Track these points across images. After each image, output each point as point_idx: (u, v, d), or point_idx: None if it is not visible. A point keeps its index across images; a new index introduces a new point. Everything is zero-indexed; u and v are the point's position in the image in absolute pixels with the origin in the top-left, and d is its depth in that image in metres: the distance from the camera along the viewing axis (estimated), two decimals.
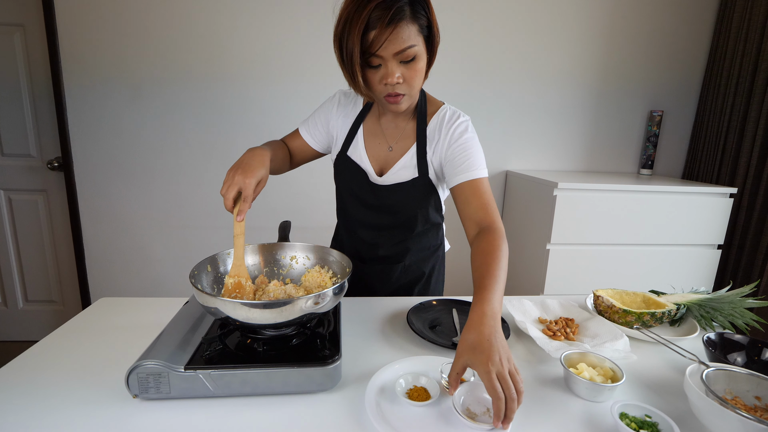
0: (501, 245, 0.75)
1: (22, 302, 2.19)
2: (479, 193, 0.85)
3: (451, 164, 0.89)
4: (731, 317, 0.91)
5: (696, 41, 2.11)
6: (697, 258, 1.86)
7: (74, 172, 1.98)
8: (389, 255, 1.06)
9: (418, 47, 0.77)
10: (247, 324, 0.63)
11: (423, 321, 0.90)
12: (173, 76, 1.92)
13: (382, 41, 0.73)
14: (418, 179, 0.93)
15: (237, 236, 0.73)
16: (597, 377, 0.68)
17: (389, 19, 0.71)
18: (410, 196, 0.96)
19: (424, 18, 0.76)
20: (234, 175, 0.73)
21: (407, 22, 0.74)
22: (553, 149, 2.19)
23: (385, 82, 0.78)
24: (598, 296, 0.97)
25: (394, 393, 0.64)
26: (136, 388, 0.61)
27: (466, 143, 0.89)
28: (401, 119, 0.96)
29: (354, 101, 1.01)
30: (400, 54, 0.75)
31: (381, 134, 0.97)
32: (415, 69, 0.79)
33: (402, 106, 0.84)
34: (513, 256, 2.10)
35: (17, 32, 1.91)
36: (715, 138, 2.05)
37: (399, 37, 0.73)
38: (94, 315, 0.92)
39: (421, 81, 0.83)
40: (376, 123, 0.98)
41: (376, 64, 0.77)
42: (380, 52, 0.75)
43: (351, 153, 0.98)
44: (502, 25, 2.00)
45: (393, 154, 0.96)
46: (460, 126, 0.91)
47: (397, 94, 0.81)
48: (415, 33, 0.75)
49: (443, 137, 0.91)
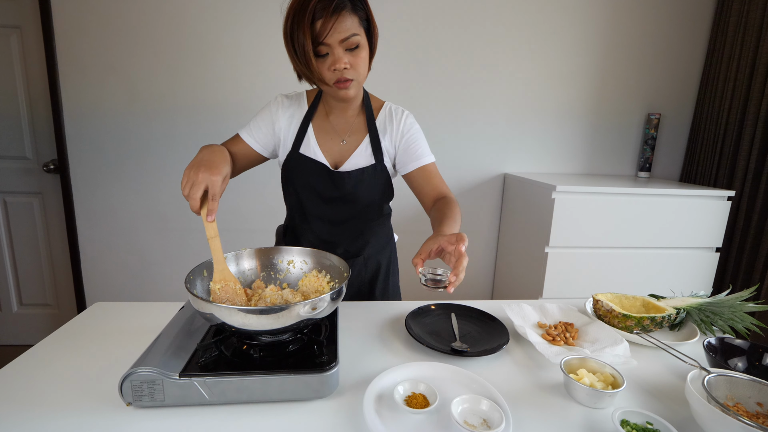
0: (456, 205, 0.92)
1: (17, 306, 2.17)
2: (433, 175, 1.00)
3: (406, 153, 1.01)
4: (731, 321, 0.91)
5: (693, 44, 2.12)
6: (695, 261, 1.86)
7: (70, 175, 1.97)
8: (349, 250, 1.08)
9: (361, 37, 0.85)
10: (243, 330, 0.62)
11: (421, 326, 0.89)
12: (170, 78, 1.91)
13: (328, 29, 0.80)
14: (376, 165, 1.00)
15: (212, 239, 0.71)
16: (597, 383, 0.68)
17: (333, 9, 0.79)
18: (370, 183, 1.00)
19: (362, 11, 0.85)
20: (198, 173, 0.70)
21: (349, 12, 0.82)
22: (550, 152, 2.19)
23: (334, 68, 0.84)
24: (597, 300, 0.96)
25: (393, 400, 0.63)
26: (130, 395, 0.60)
27: (417, 134, 1.02)
28: (350, 114, 1.02)
29: (298, 102, 1.03)
30: (345, 41, 0.82)
31: (332, 130, 1.01)
32: (360, 56, 0.86)
33: (351, 91, 0.90)
34: (511, 258, 2.10)
35: (14, 34, 1.90)
36: (712, 141, 2.06)
37: (343, 25, 0.81)
38: (88, 320, 0.91)
39: (365, 69, 0.90)
40: (325, 120, 1.02)
41: (324, 53, 0.84)
42: (327, 40, 0.81)
43: (304, 150, 1.00)
44: (500, 29, 2.00)
45: (347, 147, 1.01)
46: (408, 118, 1.03)
47: (346, 79, 0.87)
48: (357, 24, 0.84)
49: (395, 128, 1.01)
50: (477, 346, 0.82)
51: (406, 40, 1.97)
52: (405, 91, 2.02)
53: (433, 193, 0.98)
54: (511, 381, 0.73)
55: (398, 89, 2.01)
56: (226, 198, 1.99)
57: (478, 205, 2.21)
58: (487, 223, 2.24)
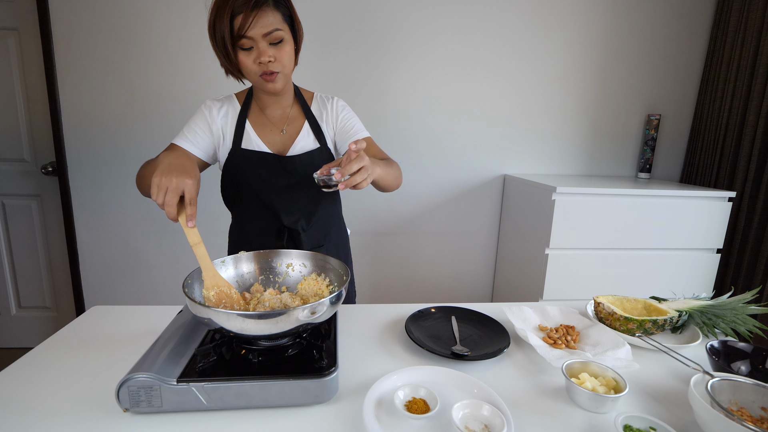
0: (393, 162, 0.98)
1: (15, 308, 2.16)
2: (370, 146, 1.04)
3: (342, 132, 1.05)
4: (734, 324, 0.90)
5: (693, 45, 2.11)
6: (696, 262, 1.85)
7: (69, 177, 1.96)
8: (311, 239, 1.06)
9: (284, 32, 0.88)
10: (241, 335, 0.62)
11: (421, 329, 0.88)
12: (168, 80, 1.91)
13: (249, 23, 0.83)
14: (322, 148, 1.03)
15: (196, 245, 0.70)
16: (600, 387, 0.67)
17: (253, 4, 0.83)
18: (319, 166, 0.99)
19: (285, 8, 0.89)
20: (171, 178, 0.66)
21: (271, 8, 0.85)
22: (550, 153, 2.19)
23: (259, 61, 0.88)
24: (598, 303, 0.96)
25: (393, 405, 0.62)
26: (127, 401, 0.59)
27: (349, 114, 1.08)
28: (285, 106, 1.04)
29: (229, 103, 1.04)
30: (268, 36, 0.86)
31: (269, 123, 1.03)
32: (284, 50, 0.90)
33: (278, 84, 0.93)
34: (511, 260, 2.09)
35: (12, 36, 1.89)
36: (712, 141, 2.05)
37: (265, 20, 0.85)
38: (85, 324, 0.90)
39: (291, 63, 0.94)
40: (261, 115, 1.03)
41: (248, 46, 0.87)
42: (249, 34, 0.84)
43: (246, 145, 1.00)
44: (500, 29, 2.00)
45: (288, 135, 1.03)
46: (339, 101, 1.09)
47: (271, 71, 0.90)
48: (280, 20, 0.87)
49: (330, 112, 1.06)
50: (478, 349, 0.82)
51: (405, 39, 1.97)
52: (405, 92, 2.01)
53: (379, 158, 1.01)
54: (513, 385, 0.72)
55: (398, 90, 2.01)
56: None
57: (478, 207, 2.20)
58: (486, 225, 2.23)
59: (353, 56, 1.96)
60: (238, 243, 1.11)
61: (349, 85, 1.98)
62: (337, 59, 1.95)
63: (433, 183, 2.14)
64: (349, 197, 2.08)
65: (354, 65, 1.97)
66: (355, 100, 1.99)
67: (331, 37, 1.93)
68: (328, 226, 1.11)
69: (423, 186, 2.13)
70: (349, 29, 1.93)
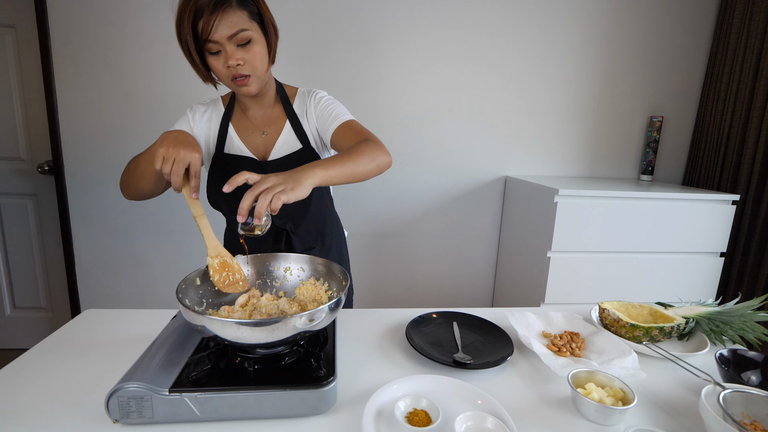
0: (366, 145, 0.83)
1: (10, 309, 2.13)
2: (354, 126, 0.94)
3: (322, 121, 0.97)
4: (742, 331, 0.88)
5: (695, 46, 2.09)
6: (699, 266, 1.83)
7: (65, 176, 1.93)
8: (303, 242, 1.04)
9: (252, 32, 0.83)
10: (236, 343, 0.59)
11: (423, 336, 0.86)
12: (166, 78, 1.88)
13: (211, 26, 0.79)
14: (304, 149, 0.98)
15: (199, 216, 0.72)
16: (607, 398, 0.65)
17: (214, 6, 0.78)
18: None
19: (252, 5, 0.83)
20: (178, 150, 0.68)
21: (234, 8, 0.80)
22: (552, 155, 2.17)
23: (227, 65, 0.83)
24: (603, 309, 0.94)
25: (393, 417, 0.60)
26: (117, 412, 0.57)
27: (329, 102, 0.99)
28: (266, 106, 1.00)
29: (214, 106, 1.02)
30: (234, 37, 0.81)
31: (251, 126, 1.00)
32: (254, 52, 0.84)
33: (251, 87, 0.88)
34: (512, 263, 2.07)
35: (8, 33, 1.87)
36: (715, 144, 2.03)
37: (228, 21, 0.79)
38: (78, 328, 0.88)
39: (264, 63, 0.88)
40: (243, 118, 1.00)
41: (215, 50, 0.83)
42: (213, 38, 0.80)
43: (228, 150, 0.99)
44: (502, 31, 1.98)
45: (269, 138, 0.99)
46: (320, 93, 1.01)
47: (242, 75, 0.85)
48: (246, 18, 0.82)
49: (310, 107, 1.00)
50: (480, 357, 0.79)
51: (406, 39, 1.95)
52: (405, 93, 1.99)
53: (356, 139, 0.91)
54: (516, 395, 0.70)
55: (398, 90, 1.99)
56: None
57: (479, 209, 2.18)
58: (487, 227, 2.21)
59: (353, 57, 1.94)
60: (235, 246, 1.09)
61: (348, 86, 1.96)
62: (336, 59, 1.93)
63: (434, 184, 2.12)
64: (347, 198, 2.05)
65: (354, 66, 1.95)
66: (354, 101, 1.97)
67: (330, 37, 1.90)
68: (320, 228, 1.08)
69: (423, 187, 2.11)
70: (350, 29, 1.91)
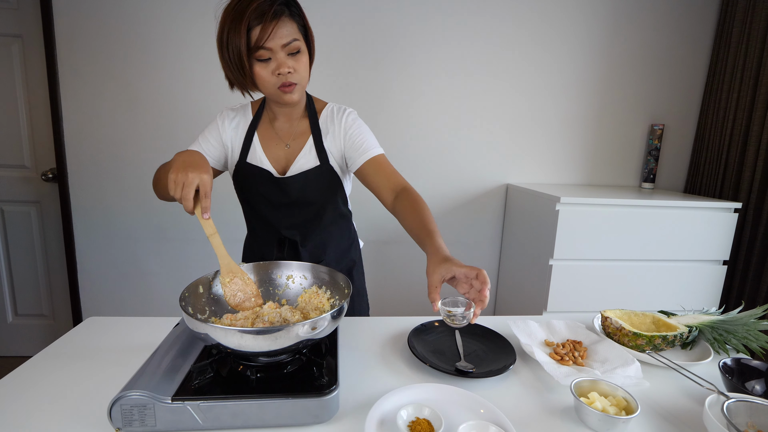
0: (422, 200, 0.89)
1: (12, 316, 2.14)
2: (384, 165, 0.97)
3: (352, 149, 0.98)
4: (745, 340, 0.87)
5: (696, 54, 2.11)
6: (702, 274, 1.82)
7: (69, 184, 1.95)
8: (309, 254, 1.05)
9: (301, 43, 0.87)
10: (239, 352, 0.59)
11: (425, 344, 0.86)
12: (171, 87, 1.90)
13: (268, 34, 0.81)
14: (321, 167, 0.98)
15: (211, 236, 0.75)
16: (610, 408, 0.65)
17: (272, 15, 0.80)
18: (316, 185, 1.00)
19: (299, 18, 0.87)
20: (187, 174, 0.71)
21: (287, 18, 0.83)
22: (554, 163, 2.17)
23: (278, 72, 0.85)
24: (606, 317, 0.93)
25: (396, 426, 0.60)
26: (119, 420, 0.57)
27: (360, 128, 1.00)
28: (294, 118, 1.01)
29: (242, 113, 1.03)
30: (287, 46, 0.84)
31: (276, 137, 1.01)
32: (302, 61, 0.88)
33: (295, 95, 0.90)
34: (514, 271, 2.07)
35: (15, 42, 1.89)
36: (717, 152, 2.04)
37: (283, 30, 0.83)
38: (80, 336, 0.88)
39: (307, 74, 0.91)
40: (269, 128, 1.02)
41: (265, 57, 0.84)
42: (268, 45, 0.82)
43: (251, 159, 1.00)
44: (503, 38, 2.00)
45: (291, 151, 1.00)
46: (350, 115, 1.01)
47: (290, 83, 0.87)
48: (296, 30, 0.86)
49: (337, 127, 0.99)
50: (483, 365, 0.79)
51: (408, 48, 1.96)
52: (407, 101, 2.01)
53: (389, 184, 0.94)
54: (519, 404, 0.70)
55: (400, 99, 2.00)
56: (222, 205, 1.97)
57: (480, 217, 2.18)
58: (489, 235, 2.21)
59: (355, 64, 1.95)
60: (251, 250, 1.13)
61: (351, 96, 1.97)
62: (338, 67, 1.94)
63: (435, 192, 2.12)
64: None
65: (355, 73, 1.96)
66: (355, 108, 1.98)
67: (334, 45, 1.92)
68: (328, 241, 1.08)
69: (424, 195, 2.08)
70: (352, 37, 1.93)
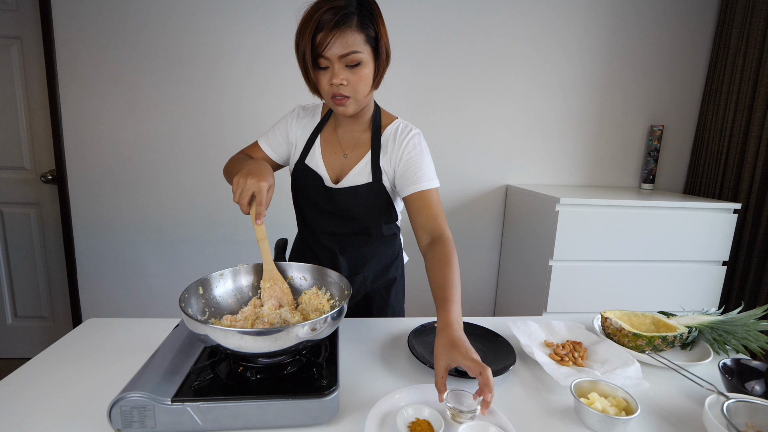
0: (454, 255, 0.84)
1: (11, 318, 2.13)
2: (430, 204, 0.91)
3: (404, 175, 0.93)
4: (745, 341, 0.87)
5: (695, 55, 2.11)
6: (702, 275, 1.83)
7: (68, 186, 1.95)
8: (348, 265, 1.05)
9: (364, 55, 0.82)
10: (239, 353, 0.59)
11: (425, 345, 0.86)
12: (170, 89, 1.90)
13: (327, 42, 0.79)
14: (372, 184, 0.96)
15: (261, 240, 0.77)
16: (610, 408, 0.65)
17: (335, 23, 0.78)
18: (365, 202, 0.97)
19: (371, 29, 0.83)
20: (246, 180, 0.74)
21: (353, 29, 0.80)
22: (553, 163, 2.18)
23: (331, 82, 0.84)
24: (605, 318, 0.93)
25: (396, 427, 0.60)
26: (119, 422, 0.57)
27: (419, 155, 0.94)
28: (357, 129, 0.99)
29: (312, 114, 1.04)
30: (344, 57, 0.81)
31: (337, 143, 1.00)
32: (360, 75, 0.84)
33: (348, 108, 0.88)
34: (514, 272, 2.07)
35: (14, 44, 1.89)
36: (716, 152, 2.04)
37: (344, 41, 0.80)
38: (80, 337, 0.88)
39: (367, 88, 0.87)
40: (332, 133, 1.01)
41: (323, 65, 0.83)
42: (326, 53, 0.80)
43: (308, 161, 1.00)
44: (502, 39, 2.00)
45: (348, 161, 0.98)
46: (414, 138, 0.96)
47: (342, 95, 0.85)
48: (361, 41, 0.82)
49: (397, 147, 0.95)
50: None
51: (409, 50, 1.97)
52: (407, 101, 2.01)
53: (428, 225, 0.89)
54: (519, 405, 0.70)
55: (400, 99, 2.00)
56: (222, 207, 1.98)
57: (480, 218, 2.18)
58: (489, 236, 2.21)
59: None
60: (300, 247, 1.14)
61: None
62: None
63: None
64: None
65: None
66: None
67: None
68: (369, 256, 1.06)
69: None
70: None
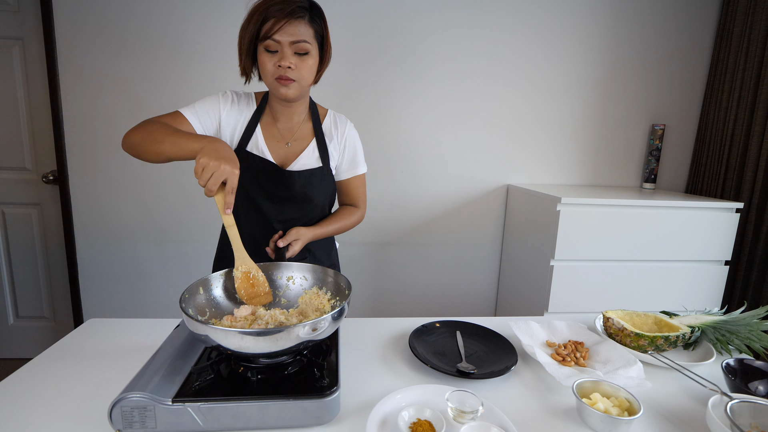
0: (352, 218, 1.10)
1: (13, 318, 2.14)
2: (359, 185, 1.13)
3: (346, 161, 1.08)
4: (748, 341, 0.87)
5: (697, 54, 2.10)
6: (704, 274, 1.82)
7: (69, 186, 1.95)
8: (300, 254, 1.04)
9: (311, 47, 0.90)
10: (239, 353, 0.59)
11: (426, 345, 0.86)
12: (171, 90, 1.90)
13: (279, 26, 0.85)
14: (323, 168, 1.03)
15: (230, 227, 0.75)
16: (612, 409, 0.64)
17: (288, 13, 0.85)
18: (317, 185, 1.03)
19: (319, 27, 0.91)
20: (220, 165, 0.69)
21: (304, 21, 0.88)
22: (554, 163, 2.17)
23: (279, 64, 0.88)
24: (607, 318, 0.93)
25: (397, 427, 0.60)
26: (120, 422, 0.57)
27: (358, 143, 1.10)
28: (296, 121, 1.03)
29: (247, 100, 1.03)
30: (295, 44, 0.88)
31: (278, 134, 1.02)
32: (307, 63, 0.91)
33: (290, 91, 0.92)
34: (515, 272, 2.06)
35: (16, 45, 1.89)
36: (718, 151, 2.03)
37: (296, 30, 0.87)
38: (81, 338, 0.88)
39: (311, 77, 0.94)
40: (272, 124, 1.03)
41: (273, 48, 0.88)
42: (276, 37, 0.86)
43: (251, 148, 0.99)
44: (503, 39, 2.00)
45: (292, 149, 1.02)
46: (352, 127, 1.10)
47: (287, 78, 0.90)
48: (311, 35, 0.89)
49: (340, 134, 1.06)
50: (484, 366, 0.79)
51: (410, 49, 1.96)
52: (407, 102, 2.01)
53: (350, 200, 1.12)
54: (521, 405, 0.70)
55: (400, 99, 2.00)
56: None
57: (481, 218, 2.18)
58: (490, 236, 2.20)
59: (355, 64, 1.95)
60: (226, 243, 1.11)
61: (350, 96, 1.98)
62: (337, 67, 1.94)
63: (435, 193, 2.12)
64: None
65: (355, 74, 1.96)
66: (356, 109, 1.98)
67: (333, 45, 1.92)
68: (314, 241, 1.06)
69: (425, 196, 2.11)
70: (352, 38, 1.93)
